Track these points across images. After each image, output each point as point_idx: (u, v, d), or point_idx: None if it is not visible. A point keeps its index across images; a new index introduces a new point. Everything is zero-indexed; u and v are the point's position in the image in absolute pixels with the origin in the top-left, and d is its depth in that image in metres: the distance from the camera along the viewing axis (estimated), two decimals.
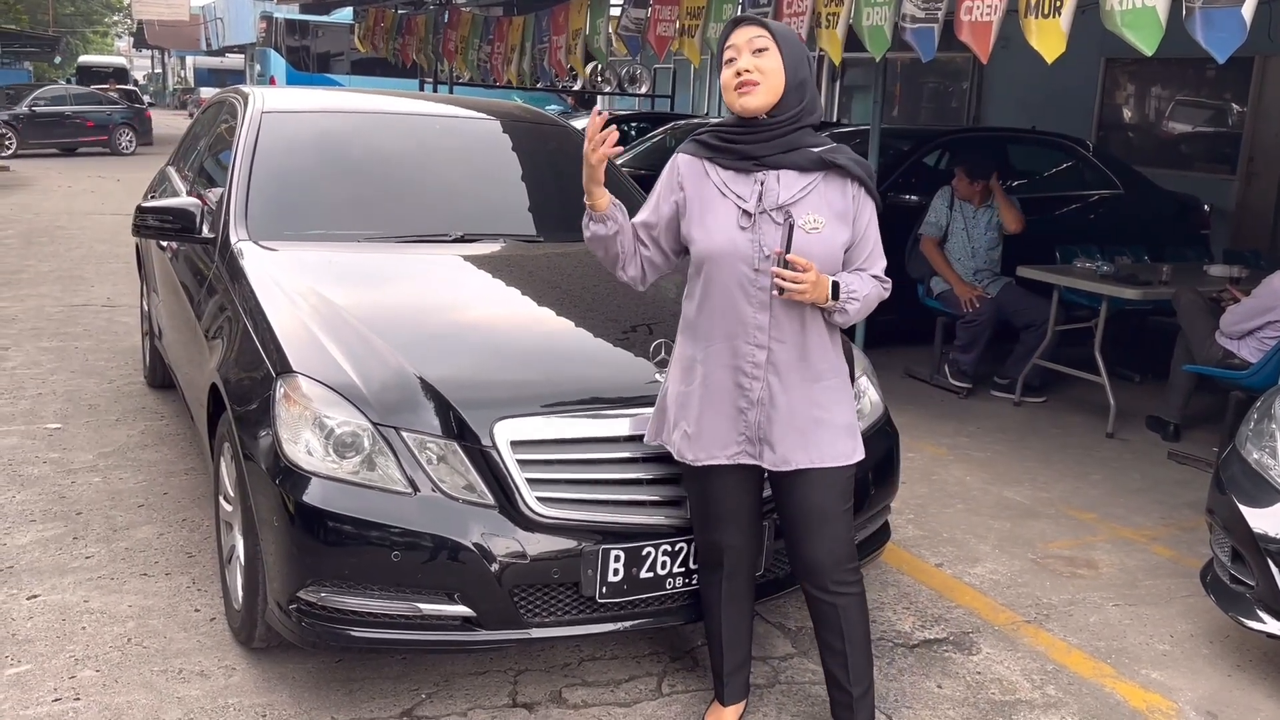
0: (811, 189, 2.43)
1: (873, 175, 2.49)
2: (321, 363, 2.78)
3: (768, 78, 2.36)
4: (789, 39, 2.41)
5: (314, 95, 4.75)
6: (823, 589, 2.57)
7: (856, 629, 2.60)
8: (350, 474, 2.62)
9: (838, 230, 2.44)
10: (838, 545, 2.55)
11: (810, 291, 2.34)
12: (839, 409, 2.52)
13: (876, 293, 2.51)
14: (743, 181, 2.44)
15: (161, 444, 4.76)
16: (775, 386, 2.46)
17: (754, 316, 2.43)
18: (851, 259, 2.49)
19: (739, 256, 2.42)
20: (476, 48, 9.20)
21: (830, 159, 2.42)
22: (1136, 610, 3.67)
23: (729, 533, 2.61)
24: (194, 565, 3.60)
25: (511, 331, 3.11)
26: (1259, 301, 4.96)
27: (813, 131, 2.47)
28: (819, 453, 2.48)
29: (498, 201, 4.13)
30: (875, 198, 2.50)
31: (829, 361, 2.51)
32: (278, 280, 3.25)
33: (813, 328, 2.46)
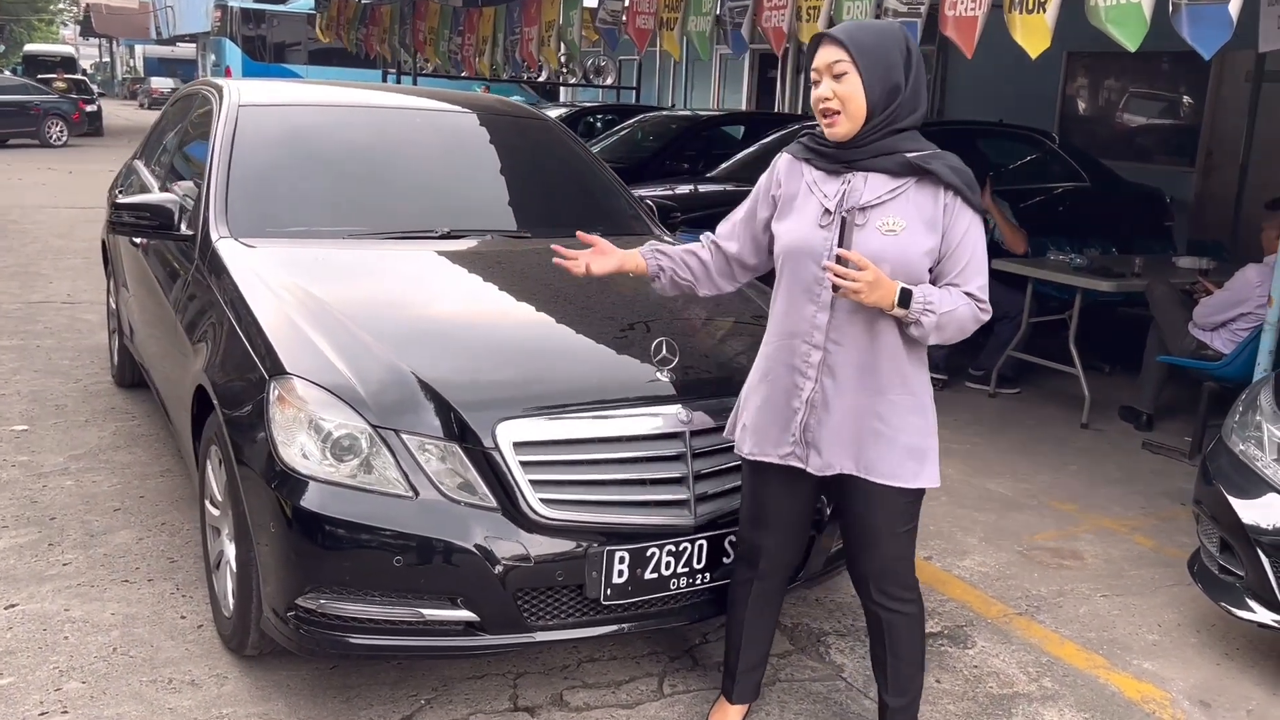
0: (899, 193, 2.32)
1: (974, 186, 2.32)
2: (316, 364, 2.72)
3: (848, 104, 2.28)
4: (872, 52, 2.26)
5: (290, 88, 4.66)
6: (869, 600, 2.55)
7: (902, 645, 2.55)
8: (349, 477, 2.56)
9: (920, 236, 2.30)
10: (889, 564, 2.49)
11: (867, 293, 2.21)
12: (904, 427, 2.38)
13: (970, 313, 2.31)
14: (831, 181, 2.39)
15: (134, 445, 4.65)
16: (829, 390, 2.38)
17: (815, 316, 2.38)
18: (942, 272, 2.34)
19: (809, 254, 2.37)
20: (446, 39, 9.09)
21: (922, 164, 2.29)
22: (1124, 600, 3.71)
23: (769, 535, 2.59)
24: (177, 571, 3.51)
25: (508, 330, 3.06)
26: (1232, 294, 5.04)
27: (915, 134, 2.34)
28: (869, 465, 2.39)
29: (482, 197, 4.07)
30: (975, 208, 2.34)
31: (900, 376, 2.37)
32: (263, 278, 3.18)
33: (883, 337, 2.34)
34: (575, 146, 4.57)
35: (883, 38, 2.30)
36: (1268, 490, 3.15)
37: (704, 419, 2.77)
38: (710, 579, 2.76)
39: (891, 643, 2.55)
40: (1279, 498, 3.11)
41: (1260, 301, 4.85)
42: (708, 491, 2.74)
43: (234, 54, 23.58)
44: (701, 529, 2.71)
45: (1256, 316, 4.90)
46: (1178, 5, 3.31)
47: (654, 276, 2.65)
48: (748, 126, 11.05)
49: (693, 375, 2.86)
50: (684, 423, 2.73)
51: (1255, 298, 4.90)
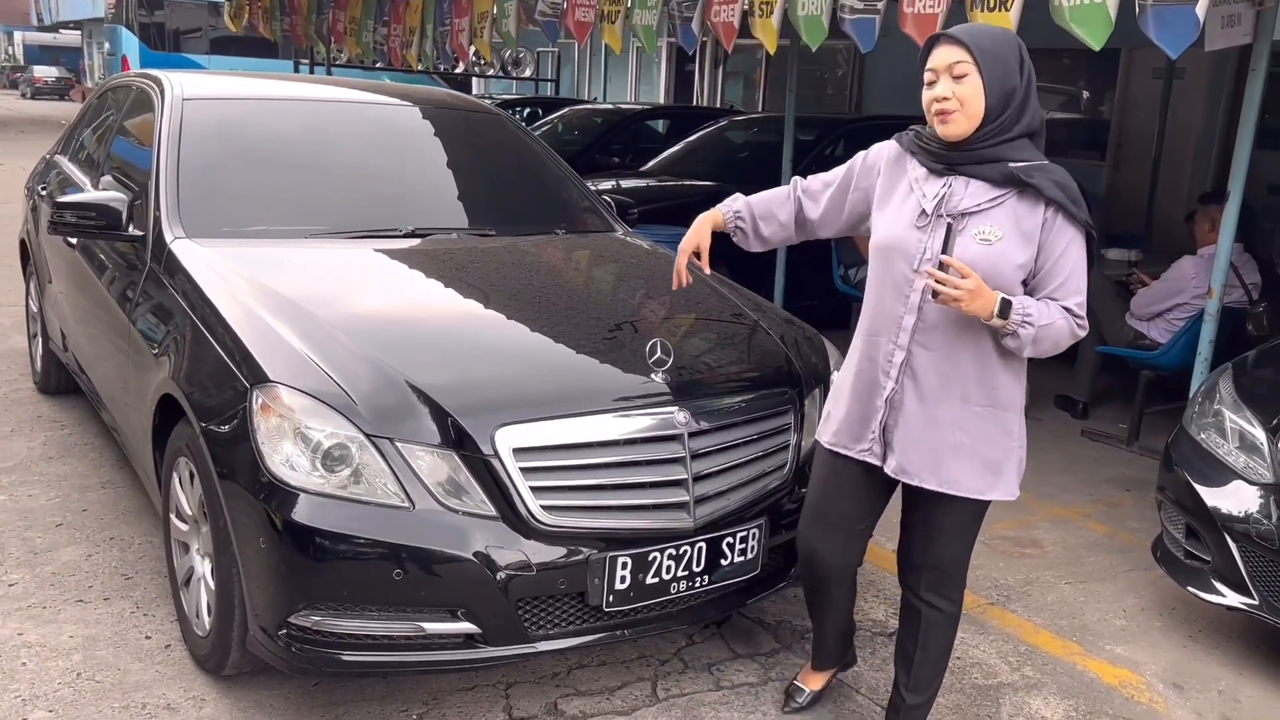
0: (1000, 202, 2.28)
1: (1080, 202, 2.27)
2: (300, 370, 2.60)
3: (967, 105, 2.24)
4: (993, 55, 2.23)
5: (230, 82, 4.47)
6: (916, 596, 2.57)
7: (934, 642, 2.58)
8: (340, 488, 2.46)
9: (1016, 247, 2.26)
10: (947, 564, 2.53)
11: (968, 301, 2.17)
12: (985, 439, 2.36)
13: (1067, 327, 2.28)
14: (933, 182, 2.36)
15: (68, 456, 4.42)
16: (909, 392, 2.37)
17: (901, 316, 2.36)
18: (1039, 285, 2.30)
19: (903, 253, 2.35)
20: (371, 29, 8.86)
21: (1024, 177, 2.24)
22: (1088, 587, 3.80)
23: (830, 537, 2.60)
24: (134, 588, 3.35)
25: (496, 333, 2.98)
26: (1169, 285, 5.21)
27: (1026, 144, 2.29)
28: (945, 477, 2.38)
29: (442, 193, 3.97)
30: (1080, 225, 2.29)
31: (987, 386, 2.34)
32: (228, 280, 3.04)
33: (972, 343, 2.31)
34: (530, 141, 4.49)
35: (1002, 43, 2.28)
36: (1232, 478, 3.25)
37: (701, 420, 2.74)
38: (709, 582, 2.73)
39: (925, 639, 2.58)
40: (1244, 484, 3.21)
41: (1196, 292, 5.03)
42: (707, 493, 2.71)
43: (130, 42, 22.65)
44: (701, 531, 2.68)
45: (1192, 306, 5.07)
46: (1143, 6, 3.39)
47: (735, 232, 2.72)
48: (672, 120, 11.07)
49: (686, 376, 2.83)
50: (682, 425, 2.69)
51: (1191, 289, 5.08)
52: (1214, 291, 4.47)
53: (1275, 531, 3.06)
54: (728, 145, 8.61)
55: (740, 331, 3.28)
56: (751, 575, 2.84)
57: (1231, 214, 4.37)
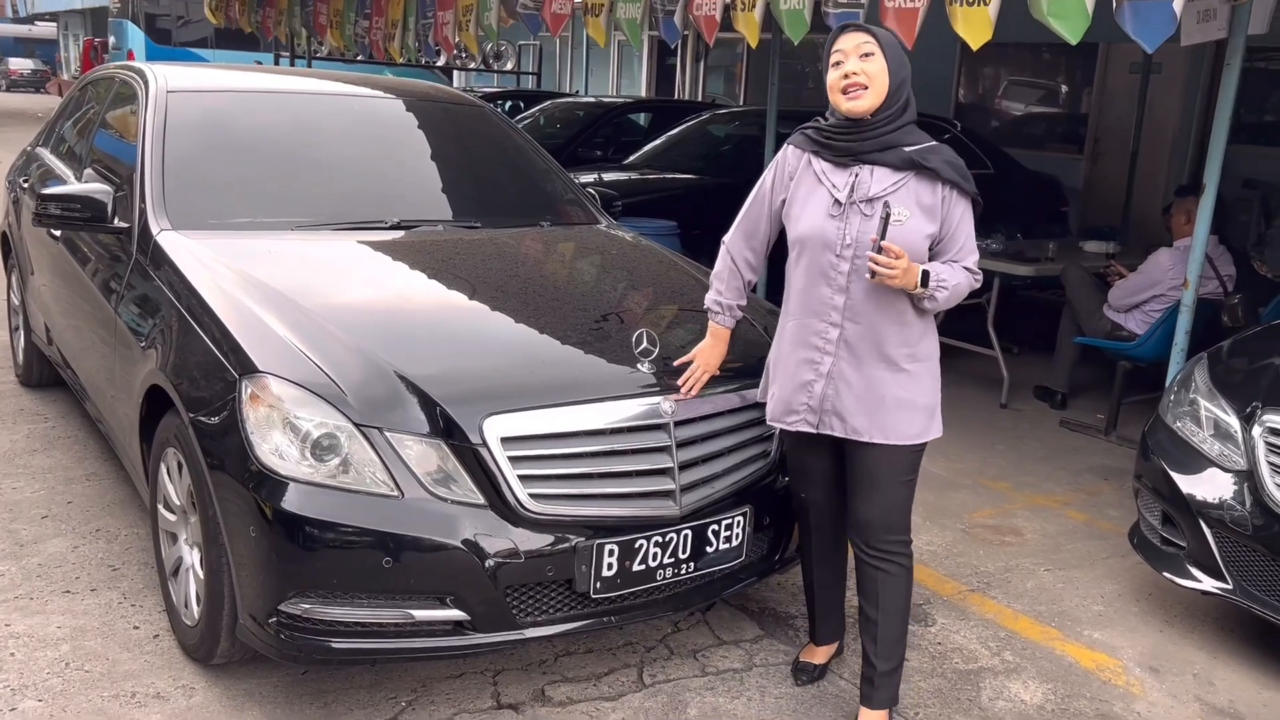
0: (902, 184, 2.54)
1: (967, 176, 2.56)
2: (288, 360, 2.62)
3: (874, 81, 2.49)
4: (892, 44, 2.53)
5: (213, 74, 4.48)
6: (870, 550, 2.69)
7: (893, 602, 2.70)
8: (330, 477, 2.48)
9: (922, 223, 2.54)
10: (891, 511, 2.68)
11: (901, 278, 2.45)
12: (916, 390, 2.63)
13: (967, 282, 2.61)
14: (840, 173, 2.60)
15: (52, 448, 4.42)
16: (846, 363, 2.60)
17: (831, 297, 2.59)
18: (942, 251, 2.60)
19: (824, 242, 2.58)
20: (353, 22, 8.83)
21: (920, 160, 2.52)
22: (1066, 574, 3.86)
23: (812, 489, 2.83)
24: (120, 579, 3.35)
25: (483, 324, 3.00)
26: (1145, 277, 5.28)
27: (913, 129, 2.57)
28: (889, 430, 2.61)
29: (428, 185, 3.99)
30: (970, 197, 2.58)
31: (909, 345, 2.61)
32: (215, 272, 3.05)
33: (893, 312, 2.57)
34: (514, 134, 4.51)
35: (895, 40, 2.59)
36: (1207, 465, 3.31)
37: (686, 409, 2.77)
38: (694, 569, 2.77)
39: (883, 599, 2.69)
40: (1219, 472, 3.27)
41: (1173, 284, 5.10)
42: (691, 481, 2.74)
43: (137, 36, 22.53)
44: (686, 519, 2.72)
45: (1169, 298, 5.15)
46: (1120, 1, 3.43)
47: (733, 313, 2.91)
48: (654, 114, 11.09)
49: (671, 366, 2.86)
50: (668, 414, 2.73)
51: (1168, 280, 5.15)
52: (1190, 283, 4.54)
53: (1248, 517, 3.13)
54: (710, 139, 8.65)
55: None
56: (737, 562, 2.88)
57: (1207, 206, 4.44)
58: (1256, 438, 3.18)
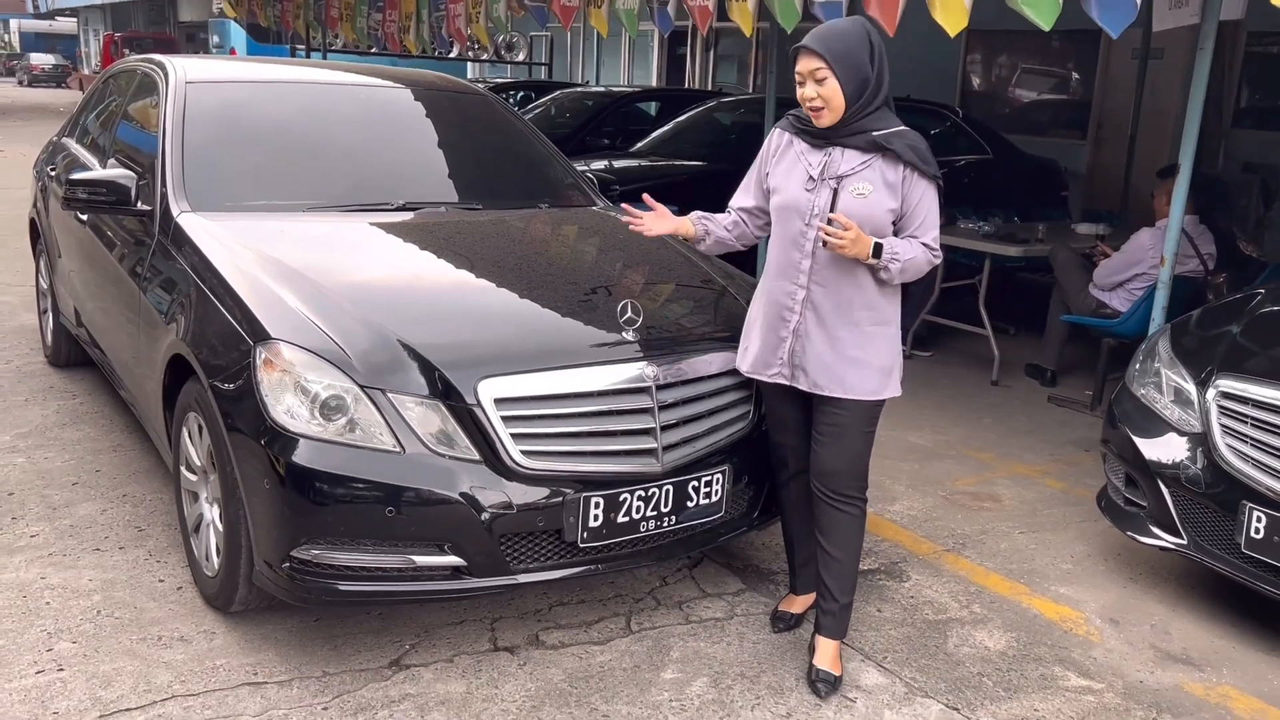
0: (869, 164, 2.80)
1: (927, 159, 2.79)
2: (299, 328, 2.85)
3: (830, 101, 2.75)
4: (844, 56, 2.71)
5: (230, 66, 4.71)
6: (832, 494, 2.94)
7: (850, 541, 2.97)
8: (338, 435, 2.71)
9: (885, 199, 2.79)
10: (851, 460, 2.93)
11: (850, 247, 2.69)
12: (875, 351, 2.87)
13: (925, 258, 2.83)
14: (815, 153, 2.87)
15: (80, 422, 4.67)
16: (811, 322, 2.86)
17: (800, 261, 2.86)
18: (904, 227, 2.84)
19: (797, 211, 2.86)
20: (365, 15, 9.06)
21: (884, 144, 2.76)
22: (1040, 536, 4.05)
23: (789, 436, 3.05)
24: (146, 539, 3.60)
25: (480, 296, 3.23)
26: (1128, 256, 5.45)
27: (885, 113, 2.80)
28: (848, 386, 2.85)
29: (434, 170, 4.21)
30: (931, 179, 2.81)
31: (870, 310, 2.85)
32: (232, 250, 3.28)
33: (855, 278, 2.82)
34: (515, 120, 4.72)
35: (850, 40, 2.75)
36: (1167, 430, 3.50)
37: (668, 374, 2.99)
38: (676, 521, 2.99)
39: (843, 539, 2.96)
40: (1177, 436, 3.46)
41: (1153, 263, 5.26)
42: (673, 440, 2.96)
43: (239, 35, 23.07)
44: (668, 475, 2.93)
45: (1150, 276, 5.31)
46: None
47: (700, 238, 3.11)
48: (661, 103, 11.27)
49: (655, 335, 3.07)
50: (650, 378, 2.94)
51: (1149, 259, 5.32)
52: (1165, 260, 4.71)
53: (1201, 476, 3.31)
54: (715, 126, 8.83)
55: (708, 296, 3.53)
56: (717, 517, 3.09)
57: (1182, 187, 4.61)
58: (1210, 401, 3.37)
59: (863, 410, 2.90)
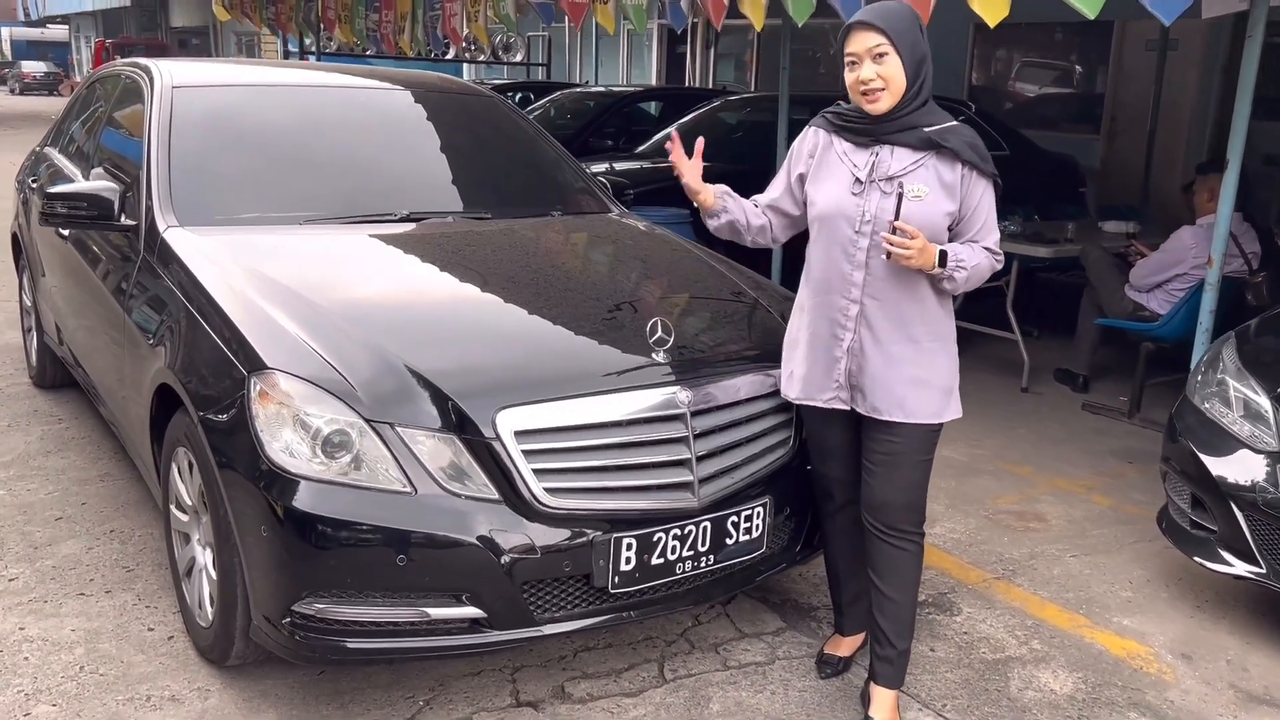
0: (922, 163, 2.54)
1: (986, 157, 2.55)
2: (297, 356, 2.58)
3: (891, 82, 2.48)
4: (905, 33, 2.47)
5: (219, 68, 4.44)
6: (886, 529, 2.67)
7: (909, 581, 2.71)
8: (341, 475, 2.44)
9: (942, 201, 2.54)
10: (908, 491, 2.66)
11: (917, 257, 2.44)
12: (935, 370, 2.62)
13: (988, 264, 2.60)
14: (860, 153, 2.60)
15: (66, 449, 4.40)
16: (866, 339, 2.60)
17: (851, 274, 2.59)
18: (962, 231, 2.59)
19: (844, 218, 2.58)
20: (363, 15, 8.78)
21: (939, 140, 2.51)
22: (1093, 560, 3.79)
23: (834, 466, 2.79)
24: (135, 580, 3.33)
25: (494, 315, 2.95)
26: (1168, 255, 5.18)
27: (933, 108, 2.56)
28: (908, 409, 2.60)
29: (437, 177, 3.93)
30: (990, 177, 2.57)
31: (929, 324, 2.61)
32: (223, 268, 3.01)
33: (913, 290, 2.57)
34: (523, 123, 4.45)
35: (907, 16, 2.52)
36: (1238, 447, 3.24)
37: (702, 399, 2.72)
38: (714, 561, 2.72)
39: (901, 578, 2.69)
40: (1249, 453, 3.19)
41: (1196, 262, 5.01)
42: (709, 472, 2.69)
43: None
44: (705, 511, 2.66)
45: (1192, 277, 5.06)
46: None
47: (716, 212, 2.81)
48: (664, 102, 11.01)
49: (688, 355, 2.81)
50: (684, 403, 2.67)
51: (1190, 259, 5.06)
52: (1214, 261, 4.45)
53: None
54: (721, 125, 8.56)
55: (740, 309, 3.26)
56: (757, 554, 2.82)
57: (1231, 182, 4.35)
58: None
59: (921, 435, 2.64)
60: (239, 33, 31.11)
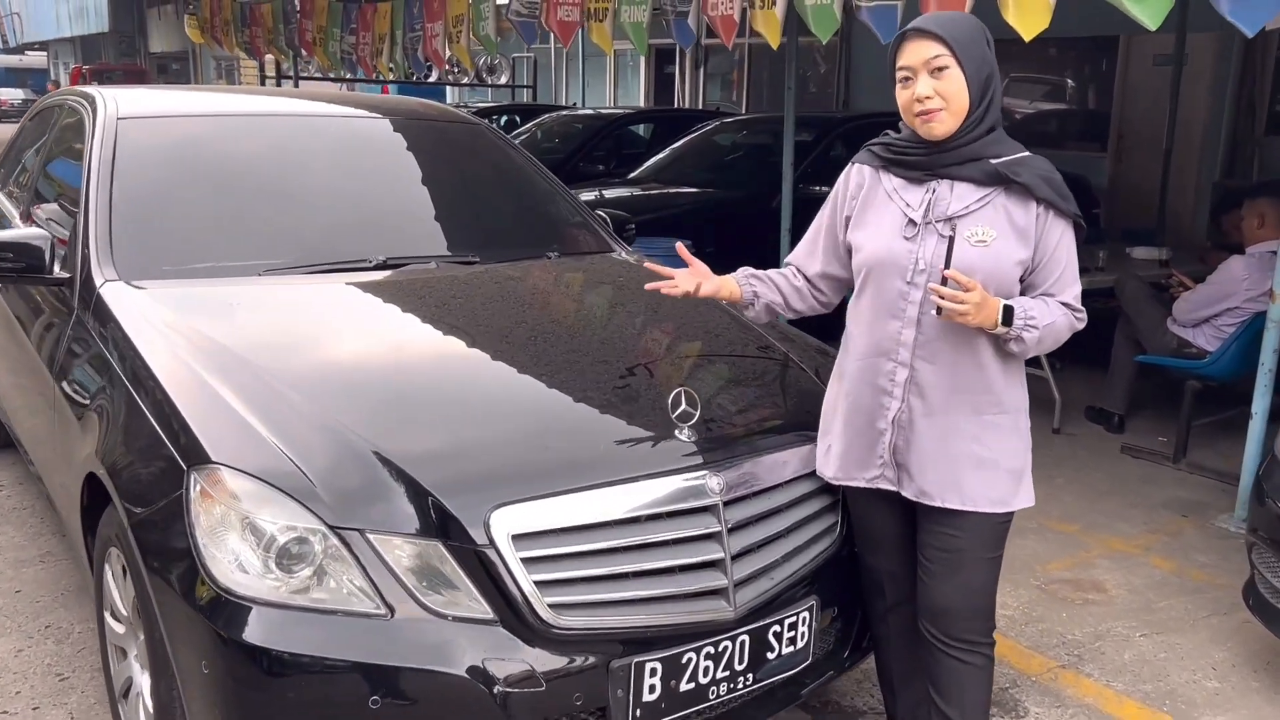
0: (988, 201, 2.15)
1: (1065, 194, 2.15)
2: (247, 445, 2.13)
3: (952, 101, 2.10)
4: (969, 43, 2.10)
5: (174, 96, 4.00)
6: (948, 639, 2.29)
7: (976, 698, 2.30)
8: (300, 593, 1.99)
9: (1012, 247, 2.14)
10: (973, 595, 2.27)
11: (974, 314, 2.05)
12: (1002, 448, 2.22)
13: (1067, 322, 2.18)
14: (914, 190, 2.21)
15: (4, 523, 3.93)
16: (918, 411, 2.21)
17: (900, 332, 2.20)
18: (1035, 282, 2.19)
19: (894, 266, 2.20)
20: (338, 39, 8.36)
21: (1009, 173, 2.12)
22: (1165, 640, 3.35)
23: (885, 558, 2.41)
24: (70, 691, 2.86)
25: (485, 386, 2.50)
26: (1217, 288, 4.77)
27: (1001, 135, 2.17)
28: (968, 494, 2.20)
29: (420, 217, 3.49)
30: (1070, 217, 2.17)
31: (995, 393, 2.20)
32: (166, 333, 2.55)
33: (976, 353, 2.17)
34: (513, 153, 4.01)
35: (974, 29, 2.16)
36: None
37: (737, 484, 2.28)
38: (753, 680, 2.27)
39: (966, 696, 2.29)
40: None
41: (1248, 295, 4.61)
42: (746, 573, 2.24)
43: None
44: (743, 621, 2.21)
45: (1243, 311, 4.65)
46: None
47: (748, 303, 2.44)
48: (655, 124, 10.63)
49: (716, 431, 2.36)
50: (716, 492, 2.22)
51: (1243, 291, 4.65)
52: (1277, 294, 4.03)
53: None
54: (718, 148, 8.17)
55: (771, 369, 2.82)
56: (803, 665, 2.37)
57: None
58: None
59: (987, 528, 2.24)
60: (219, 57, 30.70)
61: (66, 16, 38.76)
